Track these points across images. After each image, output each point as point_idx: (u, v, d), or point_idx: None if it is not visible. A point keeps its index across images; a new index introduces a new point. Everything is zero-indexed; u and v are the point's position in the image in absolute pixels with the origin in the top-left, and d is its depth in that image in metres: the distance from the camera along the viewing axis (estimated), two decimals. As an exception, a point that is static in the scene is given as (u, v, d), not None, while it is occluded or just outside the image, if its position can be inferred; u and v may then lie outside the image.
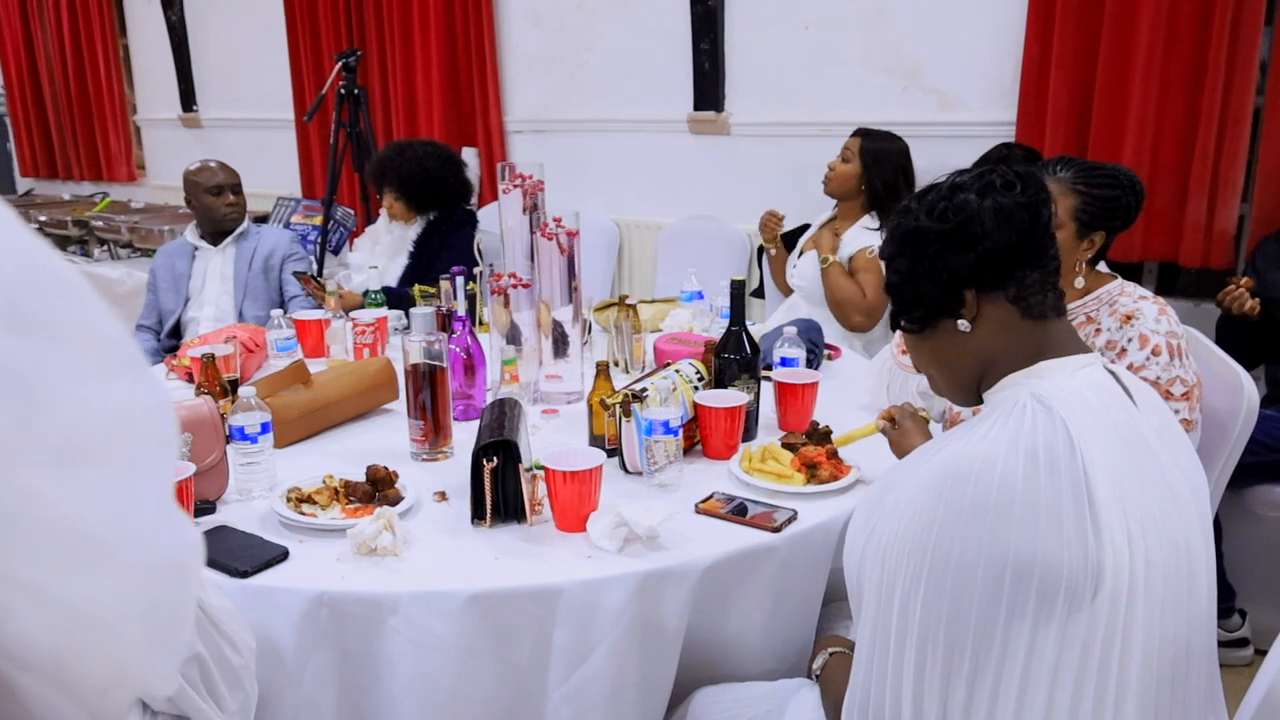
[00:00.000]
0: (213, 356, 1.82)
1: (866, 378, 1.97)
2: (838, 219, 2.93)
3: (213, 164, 3.04)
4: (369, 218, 3.98)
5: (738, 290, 1.79)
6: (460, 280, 2.02)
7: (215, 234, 3.05)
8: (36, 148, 6.36)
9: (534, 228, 1.97)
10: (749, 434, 1.77)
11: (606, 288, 3.86)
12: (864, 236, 2.75)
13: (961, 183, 1.05)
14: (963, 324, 1.06)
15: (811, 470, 1.57)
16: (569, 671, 1.29)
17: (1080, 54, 2.78)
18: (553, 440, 1.75)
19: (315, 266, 3.53)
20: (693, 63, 3.57)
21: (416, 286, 2.66)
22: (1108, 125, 2.77)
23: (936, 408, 1.92)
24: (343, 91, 3.70)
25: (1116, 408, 1.00)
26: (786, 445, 1.67)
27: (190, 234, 3.10)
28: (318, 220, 4.21)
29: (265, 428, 1.54)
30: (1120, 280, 1.74)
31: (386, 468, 1.52)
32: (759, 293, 3.40)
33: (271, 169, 4.93)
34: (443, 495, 1.54)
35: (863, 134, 2.88)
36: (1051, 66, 2.82)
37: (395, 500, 1.48)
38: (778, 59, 3.42)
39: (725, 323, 2.36)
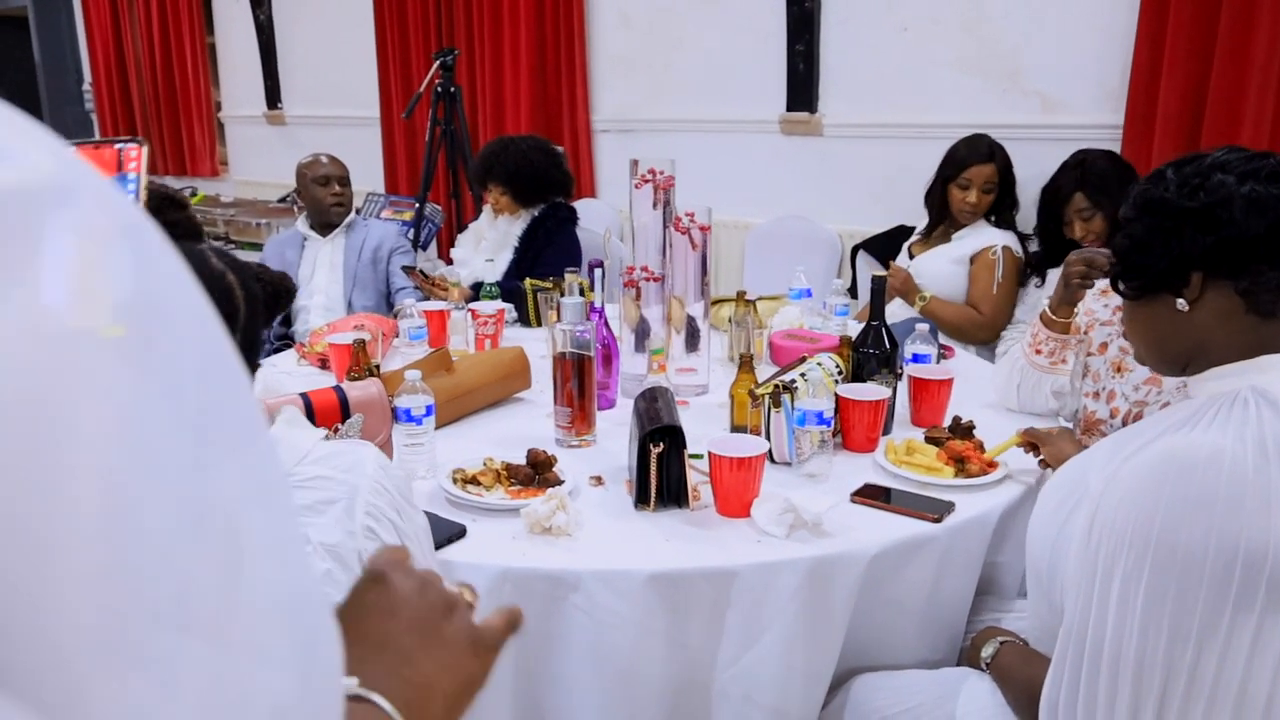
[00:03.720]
0: (363, 343, 1.87)
1: (995, 376, 1.97)
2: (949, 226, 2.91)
3: (323, 157, 3.12)
4: (458, 214, 4.05)
5: (878, 286, 1.81)
6: (600, 273, 2.06)
7: (324, 225, 3.13)
8: (122, 143, 6.54)
9: (667, 222, 2.00)
10: (886, 428, 1.79)
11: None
12: (985, 234, 2.76)
13: (1224, 161, 1.04)
14: (1181, 303, 1.07)
15: (960, 464, 1.59)
16: (739, 653, 1.32)
17: (1194, 59, 2.75)
18: (688, 430, 1.77)
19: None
20: (787, 64, 3.58)
21: (528, 280, 2.71)
22: (1220, 135, 2.73)
23: (1069, 407, 1.92)
24: (439, 89, 3.77)
25: None
26: (930, 440, 1.69)
27: (301, 225, 3.19)
28: (406, 216, 4.29)
29: (429, 410, 1.58)
30: None
31: (545, 451, 1.56)
32: (853, 291, 3.40)
33: (355, 166, 4.93)
34: (599, 480, 1.58)
35: (995, 158, 2.79)
36: (1163, 72, 2.80)
37: (556, 483, 1.52)
38: (874, 60, 3.43)
39: (840, 320, 2.40)
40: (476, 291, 2.81)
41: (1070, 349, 1.85)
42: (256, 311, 1.04)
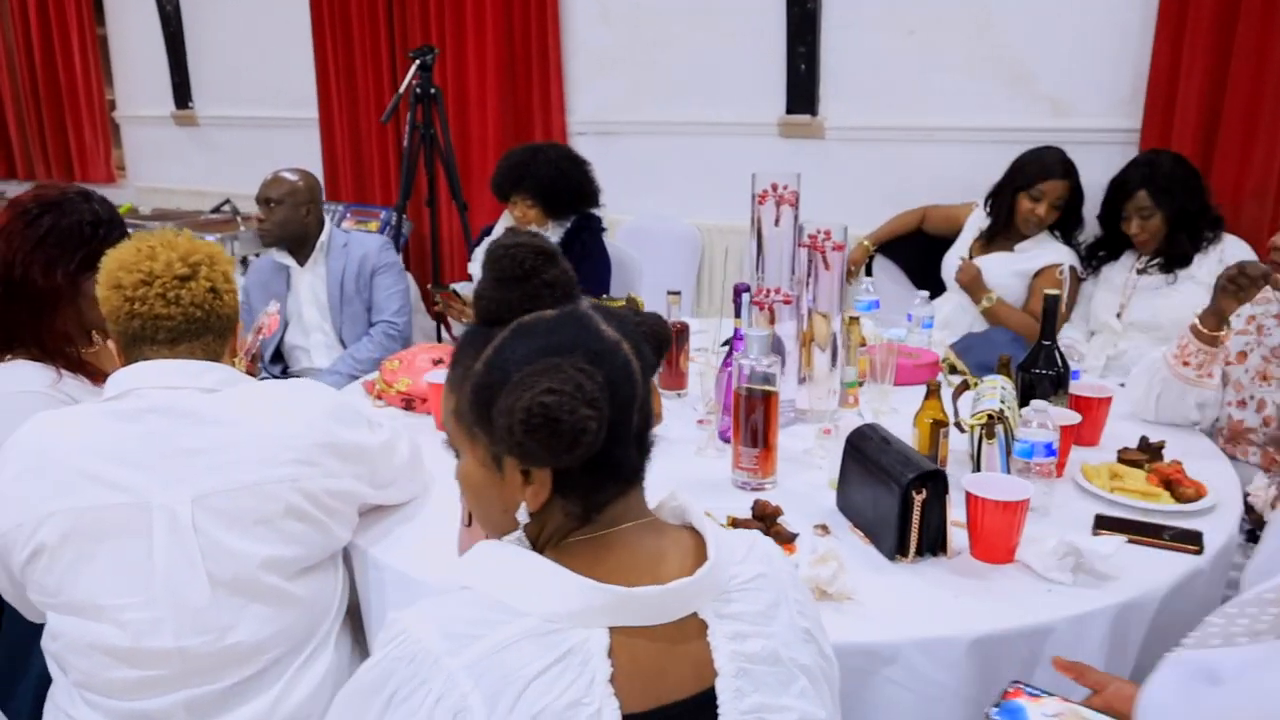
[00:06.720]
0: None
1: (1133, 388, 1.96)
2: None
3: (276, 173, 2.84)
4: (434, 224, 3.79)
5: (1051, 305, 1.75)
6: (745, 297, 1.92)
7: (295, 250, 2.85)
8: (-10, 144, 5.84)
9: (798, 240, 1.90)
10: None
11: (691, 293, 3.78)
12: (1049, 250, 2.73)
13: None
14: None
15: (1171, 487, 1.56)
16: (1045, 713, 1.23)
17: (1212, 64, 2.83)
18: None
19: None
20: (787, 65, 3.52)
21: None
22: (1236, 141, 2.83)
23: (1208, 419, 1.93)
24: (418, 91, 3.50)
25: None
26: (1126, 461, 1.65)
27: (277, 252, 2.88)
28: (371, 226, 3.99)
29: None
30: None
31: (769, 502, 1.43)
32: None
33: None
34: (825, 529, 1.45)
35: (1070, 175, 2.75)
36: (1181, 75, 2.88)
37: (790, 537, 1.39)
38: (878, 63, 3.41)
39: (926, 333, 2.35)
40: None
41: (1216, 362, 1.86)
42: (649, 375, 0.88)
